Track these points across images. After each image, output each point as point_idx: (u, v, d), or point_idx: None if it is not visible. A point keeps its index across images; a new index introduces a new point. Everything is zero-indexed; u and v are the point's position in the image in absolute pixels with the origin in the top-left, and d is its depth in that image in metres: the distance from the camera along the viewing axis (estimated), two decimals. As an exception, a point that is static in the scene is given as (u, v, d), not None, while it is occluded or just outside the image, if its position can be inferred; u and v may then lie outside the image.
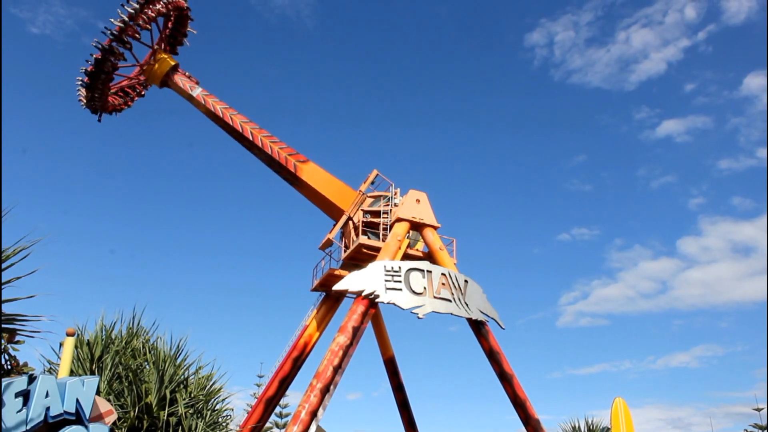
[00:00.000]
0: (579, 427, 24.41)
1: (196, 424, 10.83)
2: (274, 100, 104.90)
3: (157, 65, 27.23)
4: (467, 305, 22.65)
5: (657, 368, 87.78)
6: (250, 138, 25.76)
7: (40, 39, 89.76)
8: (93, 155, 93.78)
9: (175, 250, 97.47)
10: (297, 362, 25.55)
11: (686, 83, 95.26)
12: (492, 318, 23.24)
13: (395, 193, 25.97)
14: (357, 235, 24.64)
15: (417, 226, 24.66)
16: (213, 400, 11.85)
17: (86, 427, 6.76)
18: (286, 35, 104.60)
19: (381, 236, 24.56)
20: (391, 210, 25.23)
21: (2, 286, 7.26)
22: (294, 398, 57.77)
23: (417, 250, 25.41)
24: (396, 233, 23.89)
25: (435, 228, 24.76)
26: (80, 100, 26.74)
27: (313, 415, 19.88)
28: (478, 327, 23.15)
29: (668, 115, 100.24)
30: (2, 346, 7.59)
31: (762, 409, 35.62)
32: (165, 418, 10.51)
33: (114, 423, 7.71)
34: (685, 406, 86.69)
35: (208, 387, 11.92)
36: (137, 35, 24.98)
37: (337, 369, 20.81)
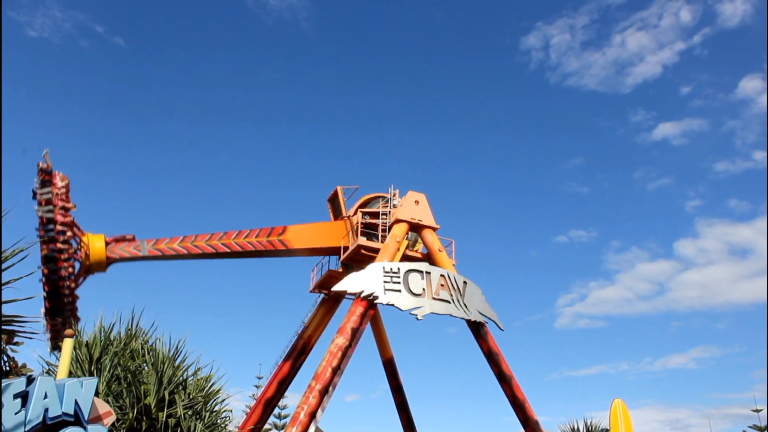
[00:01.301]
0: (578, 428, 24.44)
1: (195, 425, 10.84)
2: (271, 102, 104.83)
3: (91, 252, 20.72)
4: (466, 306, 22.67)
5: (655, 370, 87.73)
6: (227, 250, 23.43)
7: (38, 42, 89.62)
8: (92, 155, 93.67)
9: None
10: (296, 363, 25.57)
11: (682, 86, 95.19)
12: (491, 319, 23.25)
13: (394, 195, 25.94)
14: (356, 236, 24.64)
15: (416, 228, 24.65)
16: (212, 401, 11.85)
17: (85, 428, 6.76)
18: (283, 38, 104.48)
19: (380, 237, 24.56)
20: (390, 211, 25.22)
21: (1, 287, 7.26)
22: (293, 400, 57.71)
23: (416, 251, 25.40)
24: (395, 234, 23.88)
25: (434, 229, 24.74)
26: (45, 324, 19.81)
27: (312, 416, 19.89)
28: (476, 328, 23.16)
29: (664, 117, 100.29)
30: (1, 347, 7.59)
31: (761, 410, 35.56)
32: (164, 419, 10.52)
33: (113, 424, 7.70)
34: (683, 408, 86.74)
35: (207, 388, 11.91)
36: (69, 217, 19.77)
37: (336, 370, 20.82)
